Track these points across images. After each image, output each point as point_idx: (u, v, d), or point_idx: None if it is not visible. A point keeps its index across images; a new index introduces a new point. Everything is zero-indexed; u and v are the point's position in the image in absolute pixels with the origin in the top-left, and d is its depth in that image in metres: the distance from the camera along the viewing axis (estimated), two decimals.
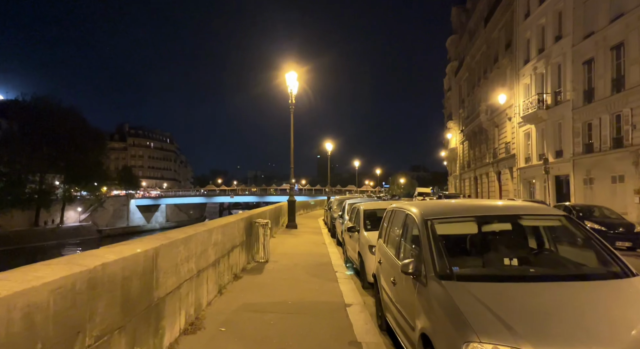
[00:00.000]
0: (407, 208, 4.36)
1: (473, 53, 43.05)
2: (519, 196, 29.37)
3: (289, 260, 9.68)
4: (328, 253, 11.23)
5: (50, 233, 54.09)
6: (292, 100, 18.11)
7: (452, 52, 57.38)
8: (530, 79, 27.84)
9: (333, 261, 9.84)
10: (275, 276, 7.86)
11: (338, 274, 8.24)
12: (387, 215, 5.37)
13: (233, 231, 7.33)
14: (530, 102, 26.64)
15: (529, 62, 28.00)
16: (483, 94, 39.61)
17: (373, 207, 9.05)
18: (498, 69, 34.56)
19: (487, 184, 39.32)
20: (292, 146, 18.29)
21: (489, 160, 37.92)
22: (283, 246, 12.17)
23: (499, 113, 34.43)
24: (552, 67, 24.94)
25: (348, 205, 13.44)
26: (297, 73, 18.28)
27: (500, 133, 34.71)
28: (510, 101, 30.71)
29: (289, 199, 18.24)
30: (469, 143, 46.16)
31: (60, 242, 51.60)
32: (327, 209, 20.56)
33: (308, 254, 10.83)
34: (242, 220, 8.26)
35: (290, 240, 13.88)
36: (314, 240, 14.39)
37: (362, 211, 8.62)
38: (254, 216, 9.69)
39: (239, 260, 7.89)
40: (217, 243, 6.13)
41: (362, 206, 8.92)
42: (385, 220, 5.35)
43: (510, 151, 31.79)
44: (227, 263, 6.83)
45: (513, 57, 30.95)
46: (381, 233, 5.38)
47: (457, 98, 54.46)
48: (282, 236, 15.20)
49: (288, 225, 18.16)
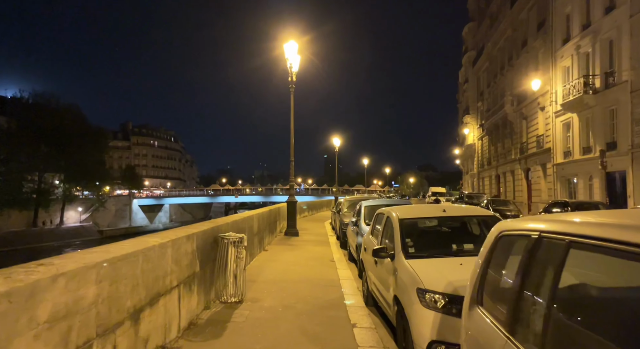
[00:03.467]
0: None
1: (495, 39, 39.25)
2: (555, 196, 25.55)
3: (278, 298, 6.17)
4: (338, 278, 7.72)
5: (49, 233, 52.41)
6: (292, 77, 14.62)
7: (469, 42, 53.55)
8: (571, 61, 24.00)
9: (348, 297, 6.33)
10: (246, 342, 4.36)
11: (358, 331, 4.73)
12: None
13: (163, 262, 3.85)
14: (572, 87, 22.83)
15: (570, 41, 24.16)
16: (507, 83, 35.82)
17: (413, 214, 5.53)
18: (527, 53, 30.75)
19: (512, 183, 35.47)
20: (292, 132, 14.76)
21: (514, 156, 34.09)
22: (274, 267, 8.67)
23: (529, 103, 30.62)
24: (601, 43, 21.12)
25: (365, 207, 9.90)
26: (300, 58, 14.86)
27: (530, 125, 30.89)
28: (545, 88, 26.90)
29: (289, 200, 14.72)
30: (490, 138, 42.33)
31: (60, 243, 49.66)
32: (336, 212, 16.96)
33: (309, 282, 7.31)
34: (192, 236, 4.76)
35: (287, 255, 10.36)
36: (319, 253, 10.88)
37: (398, 221, 5.09)
38: (221, 228, 6.18)
39: (183, 309, 4.42)
40: (105, 300, 2.67)
41: (396, 212, 5.39)
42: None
43: (544, 145, 27.96)
44: (146, 327, 3.37)
45: (547, 38, 27.12)
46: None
47: (474, 91, 50.72)
48: (276, 248, 11.70)
49: (287, 231, 14.68)
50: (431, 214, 5.47)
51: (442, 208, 5.39)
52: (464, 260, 4.24)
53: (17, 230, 48.49)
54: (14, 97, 56.61)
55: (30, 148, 49.27)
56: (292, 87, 14.78)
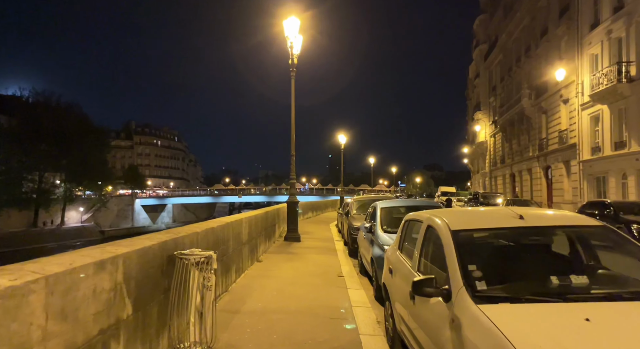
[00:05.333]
0: None
1: (510, 30, 37.10)
2: (581, 196, 23.45)
3: (265, 344, 4.24)
4: (350, 305, 5.78)
5: (49, 234, 51.45)
6: (292, 59, 12.72)
7: (480, 35, 51.35)
8: (600, 47, 21.88)
9: (365, 340, 4.38)
10: None
11: None
12: None
13: (18, 325, 1.96)
14: (603, 75, 20.72)
15: (599, 26, 22.04)
16: (524, 76, 33.70)
17: (473, 223, 3.52)
18: (548, 43, 28.61)
19: (529, 182, 33.31)
20: (292, 121, 12.81)
21: (532, 154, 31.93)
22: (267, 286, 6.74)
23: (550, 96, 28.48)
24: (637, 27, 19.01)
25: (382, 209, 7.95)
26: (302, 37, 12.99)
27: (551, 119, 28.74)
28: (569, 78, 24.78)
29: (289, 200, 12.78)
30: (504, 135, 40.16)
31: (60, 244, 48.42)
32: (343, 213, 15.00)
33: (310, 312, 5.36)
34: (115, 260, 2.83)
35: (284, 268, 8.43)
36: (324, 265, 8.95)
37: (451, 234, 3.13)
38: (183, 242, 4.25)
39: None
40: None
41: (443, 219, 3.43)
42: None
43: (567, 140, 25.83)
44: None
45: (572, 24, 24.99)
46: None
47: (486, 86, 48.54)
48: (273, 258, 9.78)
49: (287, 236, 12.76)
50: (502, 223, 3.38)
51: (515, 214, 3.40)
52: (588, 309, 2.34)
53: (16, 231, 47.57)
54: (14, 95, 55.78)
55: (30, 147, 48.35)
56: (293, 71, 12.89)
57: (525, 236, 3.30)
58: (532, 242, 3.30)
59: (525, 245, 3.31)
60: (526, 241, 3.31)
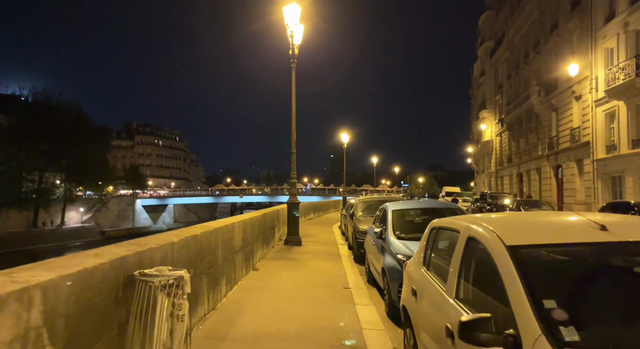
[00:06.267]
0: None
1: (518, 26, 36.10)
2: (595, 196, 22.45)
3: None
4: (360, 327, 4.85)
5: (49, 234, 50.88)
6: (293, 50, 11.82)
7: (486, 32, 50.31)
8: (616, 41, 20.89)
9: None
10: None
11: None
12: None
13: None
14: (620, 69, 19.73)
15: (615, 19, 21.04)
16: (533, 73, 32.69)
17: (535, 236, 2.50)
18: (558, 38, 27.60)
19: (537, 182, 32.28)
20: (293, 117, 11.89)
21: (541, 152, 30.91)
22: (262, 302, 5.81)
23: (560, 93, 27.47)
24: None
25: (394, 212, 7.03)
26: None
27: (562, 117, 27.73)
28: (582, 74, 23.78)
29: (290, 200, 11.86)
30: (511, 133, 39.14)
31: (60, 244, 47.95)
32: (347, 215, 14.05)
33: (312, 338, 4.43)
34: (33, 291, 1.95)
35: (283, 278, 7.49)
36: (328, 274, 8.02)
37: (507, 251, 2.19)
38: (151, 256, 3.33)
39: None
40: None
41: (487, 227, 2.50)
42: None
43: (580, 138, 24.81)
44: None
45: (585, 18, 23.99)
46: None
47: (492, 84, 47.54)
48: (271, 265, 8.86)
49: (288, 239, 11.85)
50: (578, 236, 2.37)
51: (593, 223, 2.47)
52: None
53: (16, 231, 47.02)
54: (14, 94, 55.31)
55: (30, 147, 47.77)
56: (294, 63, 12.00)
57: (615, 255, 2.34)
58: (626, 265, 2.34)
59: (614, 267, 2.35)
60: (616, 262, 2.36)
